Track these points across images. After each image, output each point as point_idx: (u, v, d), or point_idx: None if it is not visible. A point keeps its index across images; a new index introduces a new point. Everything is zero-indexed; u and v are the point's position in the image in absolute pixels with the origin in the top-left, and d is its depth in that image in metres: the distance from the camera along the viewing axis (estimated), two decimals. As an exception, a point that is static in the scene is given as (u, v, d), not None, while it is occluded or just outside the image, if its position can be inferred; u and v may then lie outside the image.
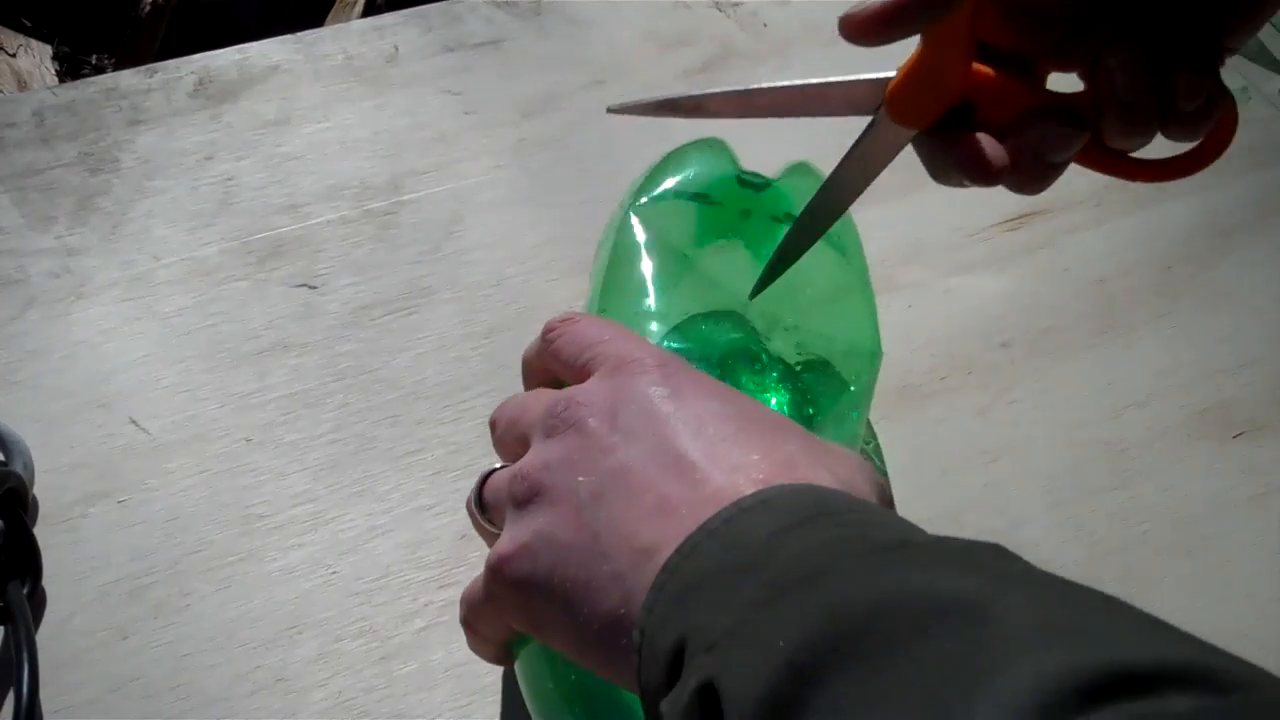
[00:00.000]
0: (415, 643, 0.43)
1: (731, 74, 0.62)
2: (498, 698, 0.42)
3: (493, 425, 0.37)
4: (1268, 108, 0.65)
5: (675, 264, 0.43)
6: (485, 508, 0.34)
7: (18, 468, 0.44)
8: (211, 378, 0.48)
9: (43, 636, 0.41)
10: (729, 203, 0.46)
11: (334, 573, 0.44)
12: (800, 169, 0.48)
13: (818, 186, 0.41)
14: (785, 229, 0.41)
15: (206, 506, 0.45)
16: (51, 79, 1.21)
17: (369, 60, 0.60)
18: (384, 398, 0.49)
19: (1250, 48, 0.68)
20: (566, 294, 0.52)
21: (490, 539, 0.35)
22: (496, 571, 0.31)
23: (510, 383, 0.49)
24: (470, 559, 0.45)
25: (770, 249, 0.40)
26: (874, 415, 0.50)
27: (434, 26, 0.62)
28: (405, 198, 0.55)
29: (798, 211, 0.41)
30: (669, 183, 0.46)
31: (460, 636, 0.43)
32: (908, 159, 0.37)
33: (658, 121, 0.59)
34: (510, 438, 0.35)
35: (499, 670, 0.43)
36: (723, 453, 0.30)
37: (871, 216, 0.57)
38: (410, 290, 0.52)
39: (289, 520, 0.45)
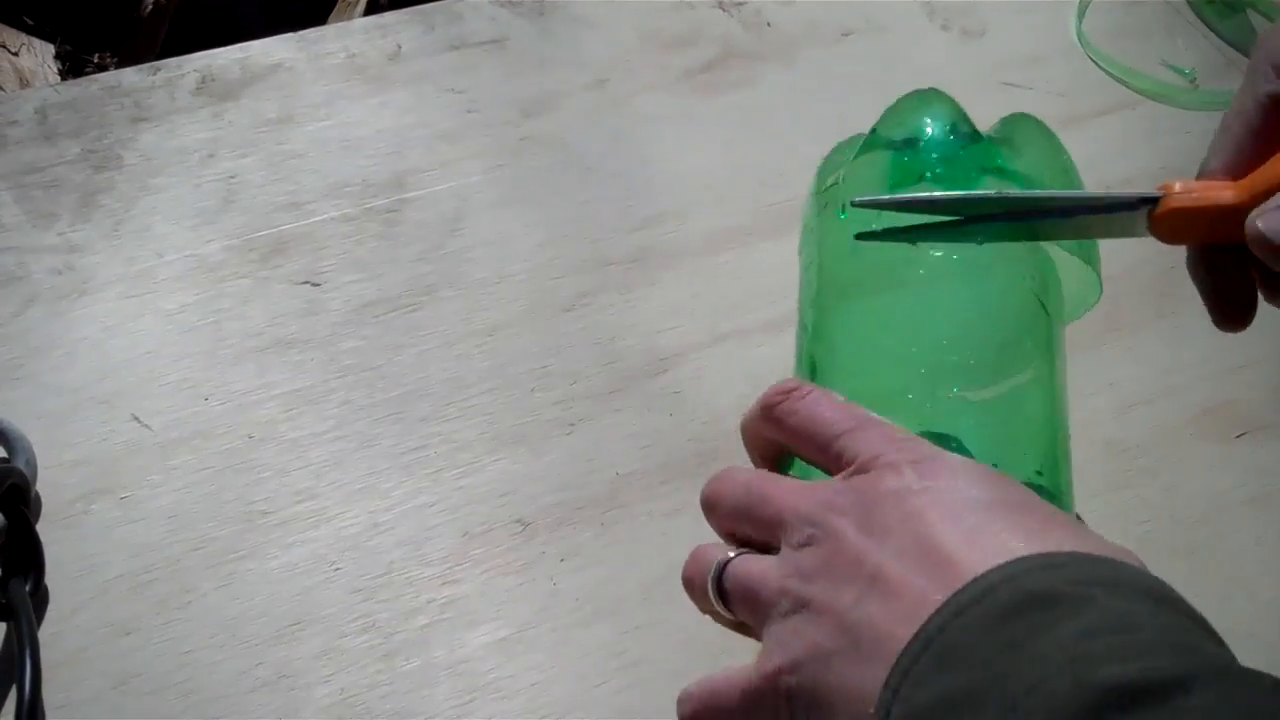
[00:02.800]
0: (418, 639, 0.43)
1: (735, 74, 0.62)
2: (499, 695, 0.42)
3: (713, 504, 0.36)
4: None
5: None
6: (726, 596, 0.34)
7: (20, 464, 0.44)
8: (214, 374, 0.48)
9: (45, 633, 0.41)
10: (931, 150, 0.44)
11: (336, 569, 0.44)
12: (1020, 121, 0.45)
13: (1042, 140, 0.41)
14: (986, 180, 0.40)
15: (209, 503, 0.45)
16: (54, 77, 1.21)
17: (371, 59, 0.60)
18: (386, 395, 0.49)
19: (1251, 48, 0.68)
20: (569, 292, 0.52)
21: (723, 621, 0.35)
22: (770, 681, 0.31)
23: (514, 380, 0.49)
24: (473, 556, 0.45)
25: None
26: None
27: (437, 25, 0.62)
28: (408, 196, 0.55)
29: (1010, 166, 0.40)
30: (880, 132, 0.45)
31: (462, 632, 0.43)
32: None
33: (667, 118, 0.59)
34: (745, 527, 0.35)
35: (500, 668, 0.43)
36: (979, 544, 0.29)
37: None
38: (413, 288, 0.52)
39: (291, 517, 0.45)
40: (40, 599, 0.42)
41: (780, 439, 0.36)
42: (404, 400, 0.49)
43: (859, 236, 0.40)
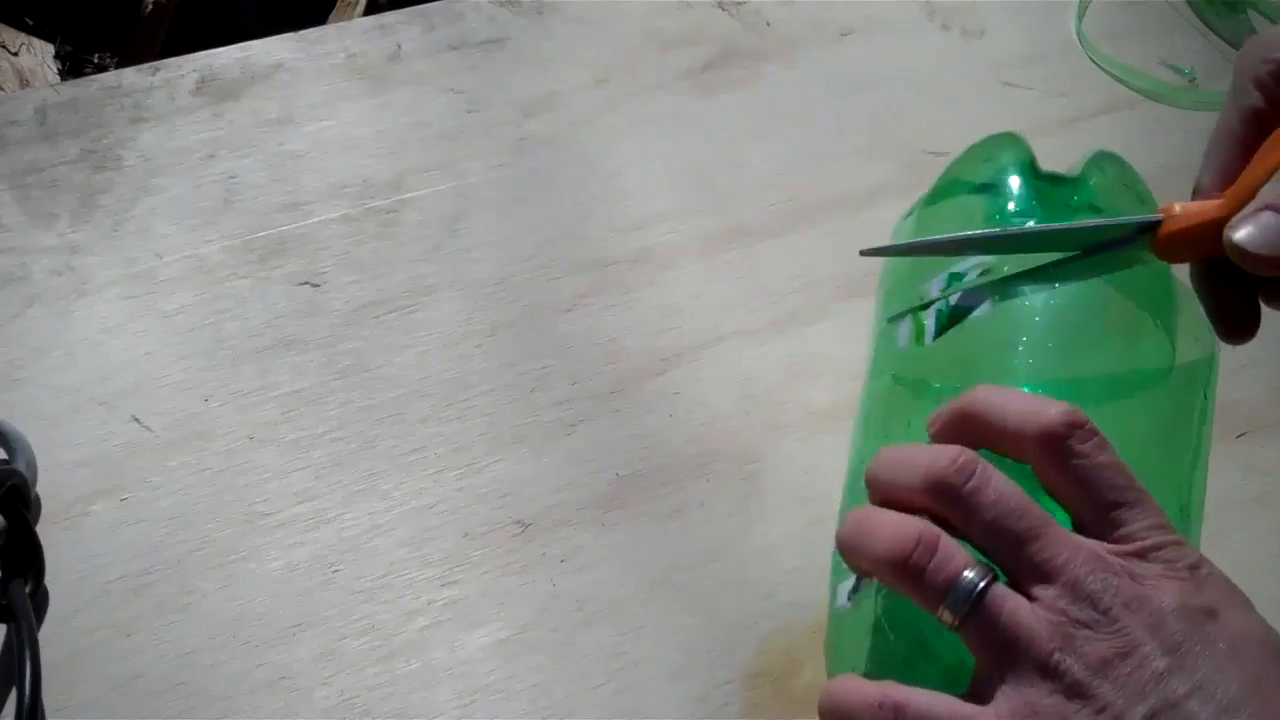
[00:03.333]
0: (418, 641, 0.43)
1: (735, 74, 0.62)
2: (500, 696, 0.42)
3: (954, 492, 0.33)
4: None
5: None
6: (972, 616, 0.32)
7: (20, 466, 0.44)
8: (213, 375, 0.48)
9: (45, 635, 0.41)
10: (1020, 191, 0.43)
11: (336, 571, 0.44)
12: (1104, 160, 0.44)
13: (1123, 177, 0.41)
14: (1081, 217, 0.39)
15: (209, 504, 0.45)
16: (54, 77, 1.21)
17: (371, 58, 0.60)
18: (386, 396, 0.49)
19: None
20: (569, 292, 0.52)
21: (893, 585, 0.33)
22: None
23: (514, 381, 0.49)
24: (473, 557, 0.45)
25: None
26: (877, 414, 0.50)
27: (437, 25, 0.62)
28: (408, 196, 0.55)
29: (1102, 204, 0.40)
30: (956, 177, 0.44)
31: (462, 634, 0.43)
32: (911, 158, 0.37)
33: (667, 118, 0.59)
34: (992, 544, 0.32)
35: (500, 670, 0.43)
36: (1274, 707, 0.29)
37: (875, 215, 0.57)
38: (413, 288, 0.52)
39: (291, 518, 0.45)
40: (40, 600, 0.42)
41: (1047, 472, 0.33)
42: (404, 401, 0.49)
43: (863, 252, 0.40)
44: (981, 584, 0.31)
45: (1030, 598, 0.31)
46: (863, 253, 0.40)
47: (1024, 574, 0.32)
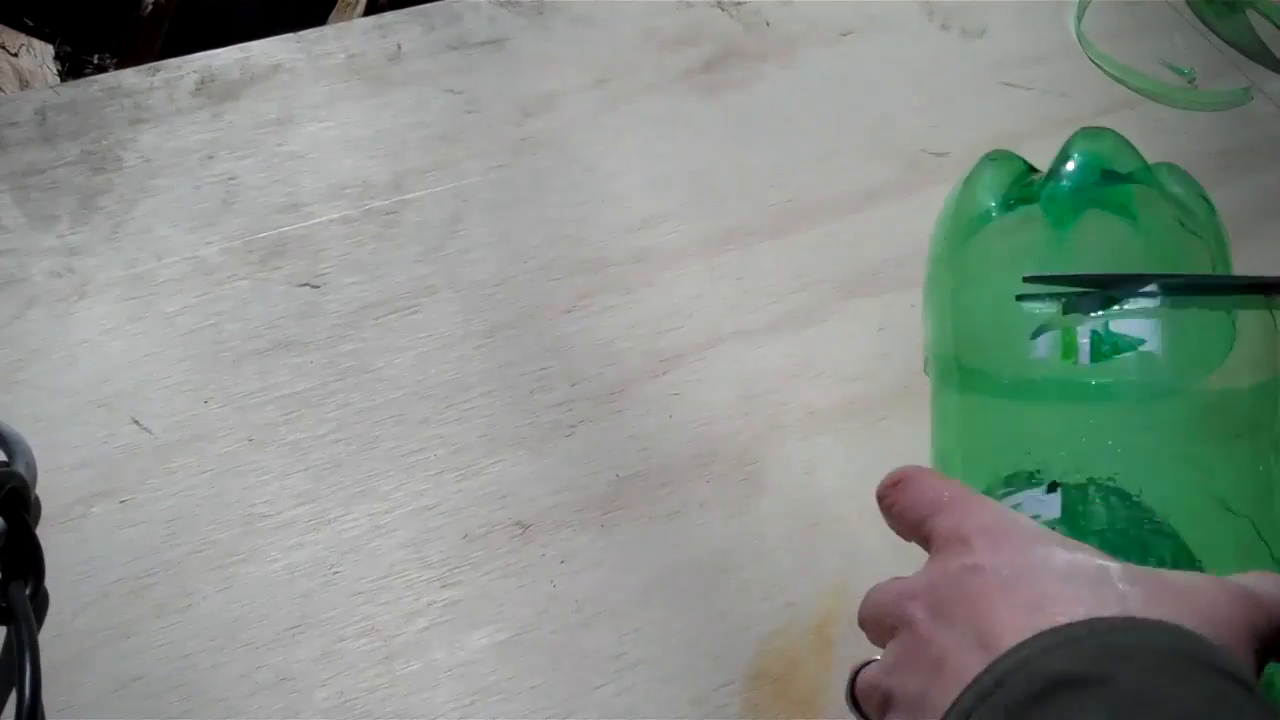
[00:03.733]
0: (418, 642, 0.43)
1: (735, 74, 0.62)
2: (500, 697, 0.42)
3: (862, 623, 0.36)
4: (1269, 107, 0.65)
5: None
6: (858, 704, 0.34)
7: (20, 468, 0.44)
8: (213, 377, 0.48)
9: (45, 636, 0.41)
10: (1038, 190, 0.45)
11: (336, 572, 0.44)
12: (1085, 135, 0.47)
13: (1112, 146, 0.43)
14: (1122, 187, 0.42)
15: (209, 506, 0.45)
16: (53, 78, 1.21)
17: (371, 59, 0.60)
18: (386, 397, 0.49)
19: (1252, 48, 0.68)
20: (569, 293, 0.52)
21: None
22: None
23: (513, 382, 0.49)
24: (473, 558, 0.45)
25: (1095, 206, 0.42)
26: (876, 414, 0.50)
27: (436, 25, 0.62)
28: (407, 197, 0.55)
29: (1111, 165, 0.43)
30: (977, 211, 0.46)
31: (462, 635, 0.43)
32: (911, 158, 0.37)
33: (667, 118, 0.59)
34: (877, 637, 0.35)
35: (500, 671, 0.43)
36: (1022, 616, 0.29)
37: (875, 215, 0.57)
38: (412, 289, 0.52)
39: (291, 520, 0.45)
40: (40, 602, 0.42)
41: (891, 525, 0.37)
42: (404, 402, 0.48)
43: (1028, 278, 0.42)
44: (858, 668, 0.34)
45: None
46: (1026, 279, 0.42)
47: (872, 638, 0.35)
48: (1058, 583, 0.30)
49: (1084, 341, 0.40)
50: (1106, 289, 0.41)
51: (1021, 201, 0.45)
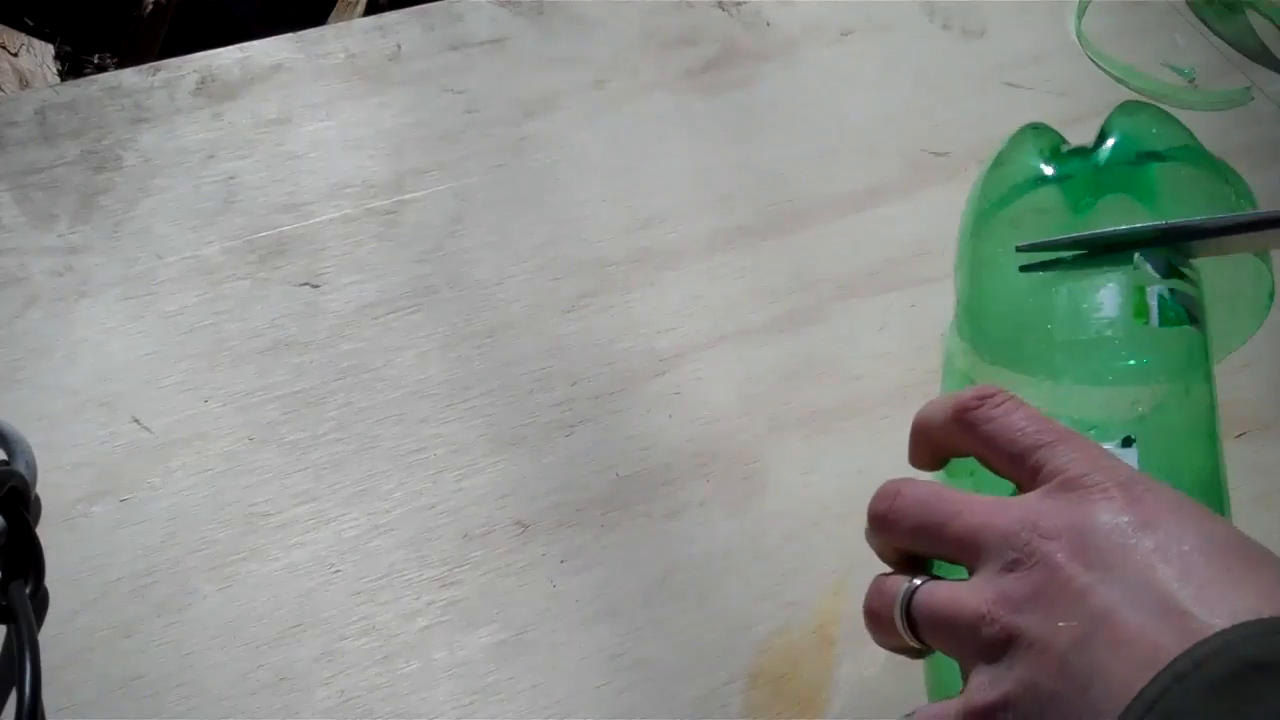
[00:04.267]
0: (418, 641, 0.43)
1: (735, 74, 0.62)
2: (500, 696, 0.42)
3: (889, 521, 0.34)
4: (1269, 107, 0.65)
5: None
6: (916, 625, 0.33)
7: (20, 467, 0.44)
8: (213, 376, 0.48)
9: (45, 636, 0.41)
10: (1075, 172, 0.45)
11: (336, 571, 0.44)
12: (1126, 109, 0.47)
13: (1146, 123, 0.43)
14: (1147, 167, 0.42)
15: (209, 505, 0.45)
16: (53, 78, 1.21)
17: (371, 59, 0.60)
18: (386, 396, 0.49)
19: (1252, 48, 0.68)
20: (569, 293, 0.52)
21: (909, 653, 0.34)
22: (982, 718, 0.29)
23: (513, 381, 0.49)
24: (473, 558, 0.45)
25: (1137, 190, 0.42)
26: (876, 414, 0.50)
27: (436, 25, 0.62)
28: (407, 196, 0.55)
29: (1151, 146, 0.42)
30: (1003, 187, 0.46)
31: (462, 634, 0.43)
32: (911, 158, 0.37)
33: (667, 118, 0.59)
34: (929, 546, 0.33)
35: (500, 670, 0.43)
36: (1214, 595, 0.28)
37: (875, 215, 0.57)
38: (413, 289, 0.52)
39: (291, 519, 0.45)
40: (40, 601, 0.42)
41: (968, 445, 0.35)
42: (404, 402, 0.49)
43: (1020, 247, 0.42)
44: (906, 588, 0.33)
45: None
46: (1019, 248, 0.42)
47: (959, 555, 0.32)
48: (1242, 564, 0.28)
49: (1152, 303, 0.40)
50: (1102, 250, 0.41)
51: (1047, 181, 0.45)
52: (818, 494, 0.48)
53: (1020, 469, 0.33)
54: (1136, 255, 0.40)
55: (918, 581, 0.33)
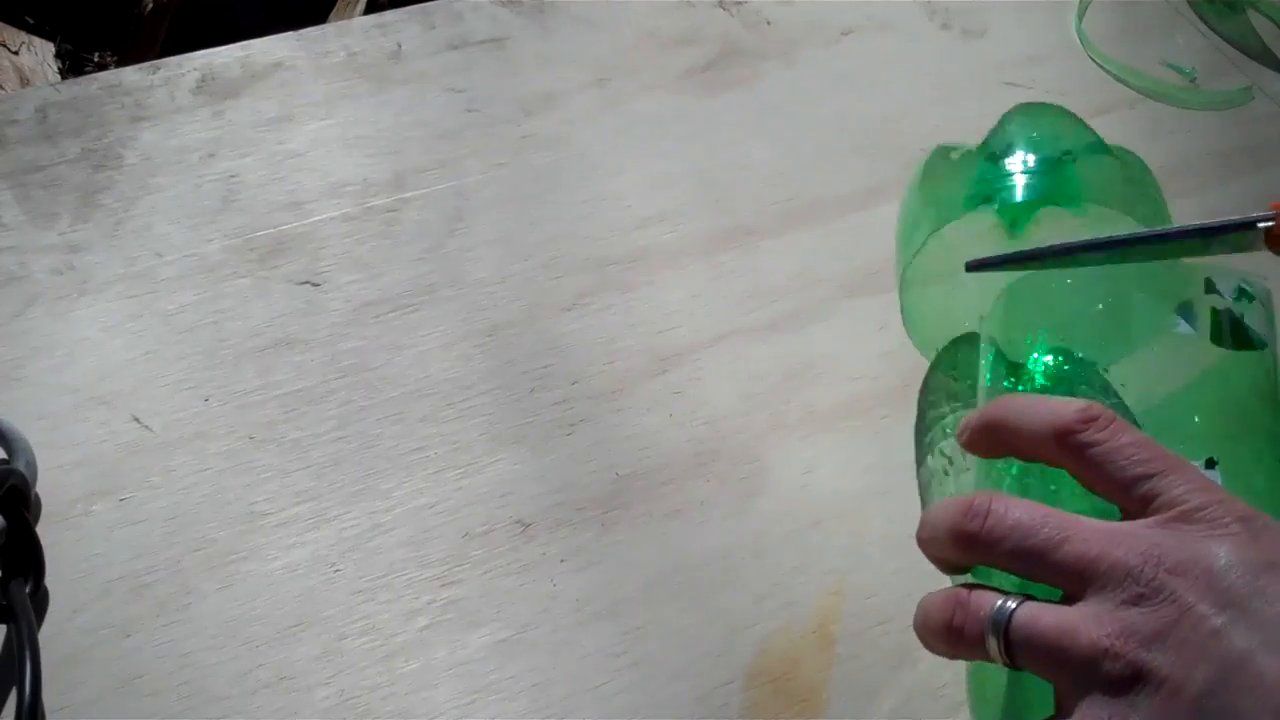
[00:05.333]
0: (418, 641, 0.43)
1: (735, 73, 0.62)
2: (500, 696, 0.42)
3: (988, 541, 0.32)
4: (1270, 107, 0.65)
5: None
6: (1013, 648, 0.31)
7: (20, 465, 0.44)
8: (214, 375, 0.48)
9: (45, 635, 0.41)
10: (1003, 189, 0.45)
11: (337, 571, 0.44)
12: (1025, 110, 0.48)
13: (1056, 119, 0.44)
14: (1067, 168, 0.43)
15: (209, 504, 0.45)
16: (54, 76, 1.21)
17: (372, 57, 0.60)
18: (387, 395, 0.49)
19: (1253, 48, 0.68)
20: (569, 292, 0.52)
21: (978, 657, 0.32)
22: None
23: (514, 380, 0.49)
24: (473, 557, 0.45)
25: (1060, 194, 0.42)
26: (876, 414, 0.50)
27: (437, 24, 0.62)
28: (408, 195, 0.55)
29: (1065, 146, 0.43)
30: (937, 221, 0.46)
31: (463, 633, 0.43)
32: (911, 157, 0.37)
33: (667, 118, 0.59)
34: (1032, 570, 0.32)
35: (501, 669, 0.43)
36: None
37: (875, 215, 0.57)
38: (413, 288, 0.52)
39: (291, 518, 0.45)
40: (40, 600, 0.42)
41: (1070, 467, 0.33)
42: (404, 400, 0.48)
43: (969, 266, 0.41)
44: (1010, 609, 0.31)
45: (1076, 602, 0.31)
46: (969, 266, 0.41)
47: (1065, 582, 0.31)
48: None
49: (1227, 327, 0.39)
50: (1048, 260, 0.41)
51: (975, 200, 0.46)
52: (818, 494, 0.48)
53: (1130, 496, 0.32)
54: (1206, 278, 0.40)
55: (1012, 603, 0.31)
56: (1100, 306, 0.41)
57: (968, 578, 0.36)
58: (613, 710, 0.42)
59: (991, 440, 0.36)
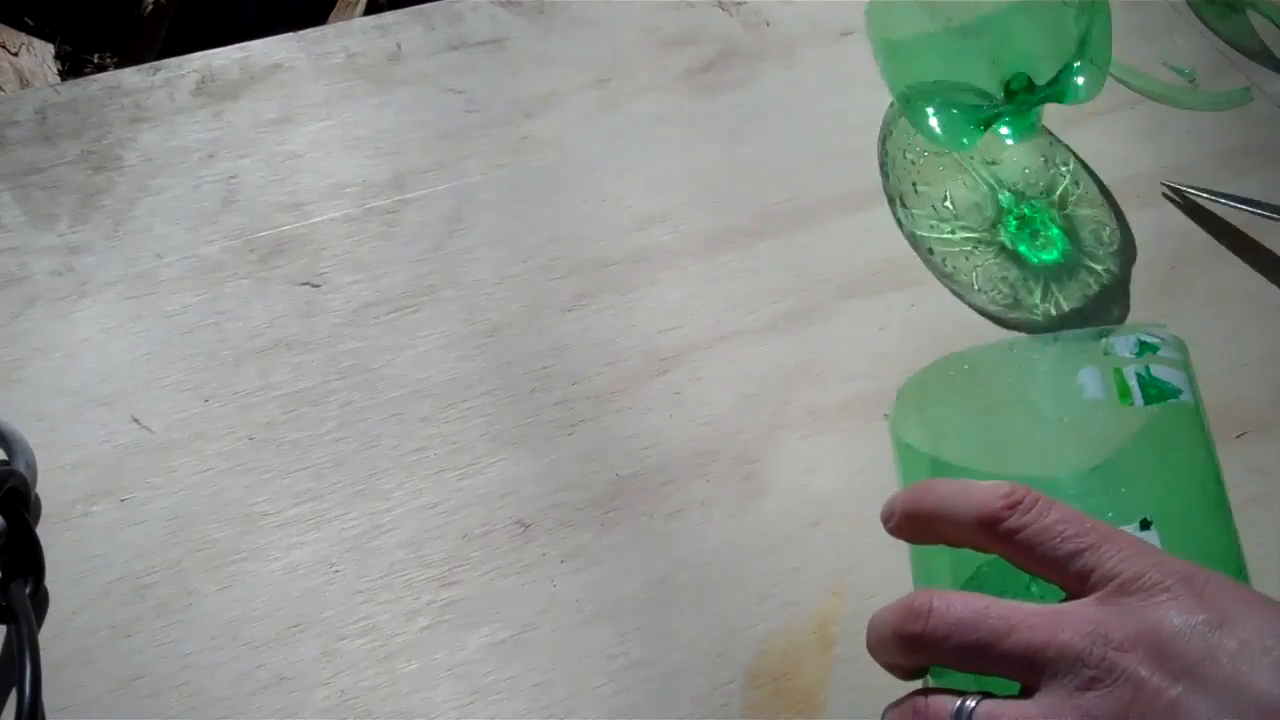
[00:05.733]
0: (418, 641, 0.43)
1: (735, 74, 0.62)
2: (500, 696, 0.42)
3: (934, 639, 0.32)
4: (1269, 107, 0.65)
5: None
6: None
7: (20, 466, 0.44)
8: (214, 376, 0.48)
9: (45, 635, 0.41)
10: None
11: (336, 571, 0.44)
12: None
13: None
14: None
15: (209, 505, 0.45)
16: (54, 77, 1.21)
17: (371, 58, 0.60)
18: (387, 396, 0.49)
19: (1253, 48, 0.68)
20: (569, 293, 0.52)
21: None
22: None
23: (514, 381, 0.49)
24: (473, 557, 0.45)
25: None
26: (876, 414, 0.50)
27: (437, 25, 0.62)
28: (408, 196, 0.55)
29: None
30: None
31: (462, 634, 0.43)
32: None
33: (667, 118, 0.59)
34: (983, 665, 0.31)
35: (501, 670, 0.43)
36: None
37: (875, 215, 0.57)
38: (413, 288, 0.52)
39: (291, 519, 0.45)
40: (40, 601, 0.42)
41: (1003, 553, 0.33)
42: (404, 401, 0.48)
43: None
44: (970, 709, 0.31)
45: (1033, 693, 0.30)
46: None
47: (1017, 673, 0.31)
48: None
49: (1133, 383, 0.39)
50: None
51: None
52: (818, 494, 0.48)
53: (1065, 575, 0.32)
54: (1104, 340, 0.40)
55: (971, 702, 0.31)
56: (1005, 388, 0.40)
57: (927, 679, 0.36)
58: (613, 710, 0.42)
59: (918, 530, 0.36)
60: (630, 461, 0.48)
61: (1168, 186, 0.58)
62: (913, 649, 0.33)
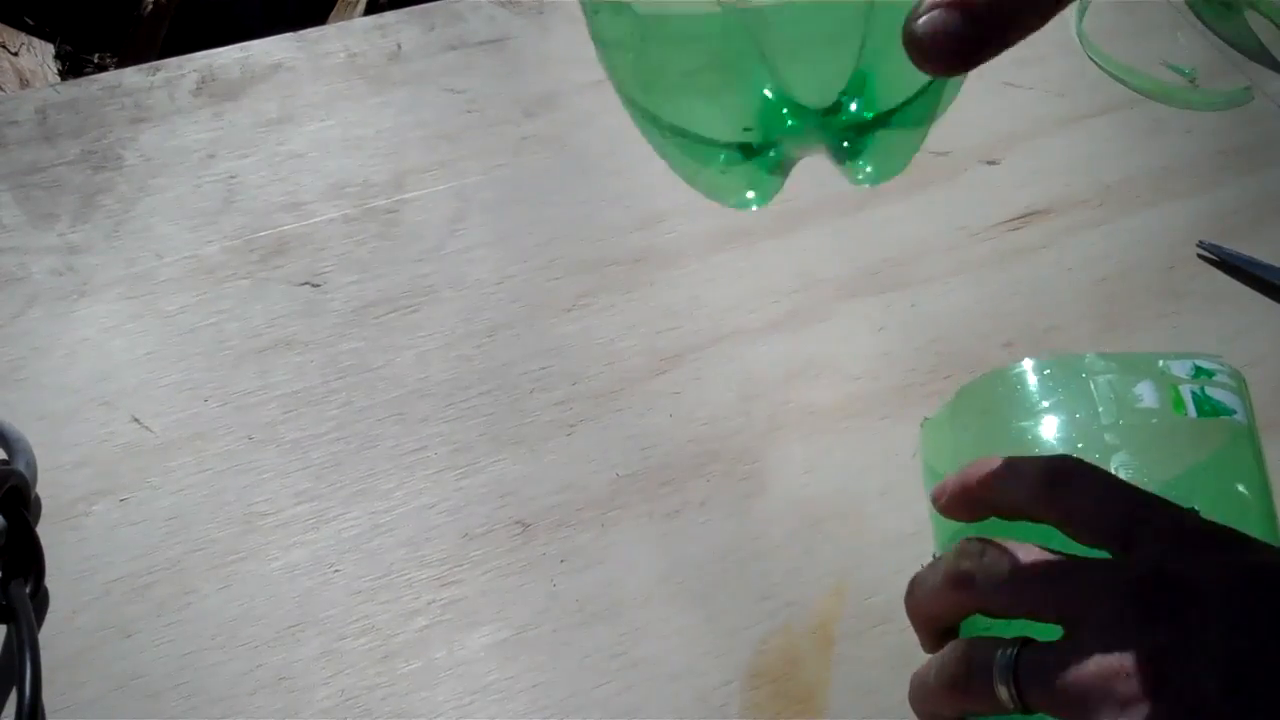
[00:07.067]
0: (418, 641, 0.43)
1: (734, 73, 0.62)
2: (499, 696, 0.42)
3: (968, 577, 0.34)
4: (1269, 107, 0.65)
5: None
6: (1022, 686, 0.31)
7: (20, 466, 0.44)
8: (214, 376, 0.48)
9: (45, 635, 0.41)
10: None
11: (336, 571, 0.44)
12: None
13: None
14: None
15: (209, 505, 0.45)
16: (54, 77, 1.21)
17: (371, 58, 0.60)
18: (386, 396, 0.49)
19: (1252, 48, 0.68)
20: (569, 293, 0.52)
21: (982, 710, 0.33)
22: None
23: (514, 381, 0.49)
24: (472, 557, 0.45)
25: None
26: (876, 414, 0.50)
27: (437, 25, 0.62)
28: (408, 196, 0.55)
29: None
30: None
31: (462, 634, 0.43)
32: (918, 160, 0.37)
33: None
34: (1040, 606, 0.32)
35: (500, 670, 0.43)
36: None
37: (875, 215, 0.57)
38: (413, 288, 0.52)
39: (291, 519, 0.45)
40: (40, 601, 0.42)
41: (1054, 521, 0.35)
42: (404, 401, 0.49)
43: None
44: (1013, 652, 0.32)
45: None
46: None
47: (1062, 617, 0.32)
48: None
49: (1188, 399, 0.41)
50: None
51: None
52: (818, 494, 0.48)
53: (1108, 536, 0.33)
54: (1161, 362, 0.42)
55: (1010, 648, 0.32)
56: (1064, 395, 0.42)
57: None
58: (613, 710, 0.42)
59: (969, 504, 0.38)
60: (630, 461, 0.48)
61: (1203, 247, 0.57)
62: (964, 585, 0.34)
